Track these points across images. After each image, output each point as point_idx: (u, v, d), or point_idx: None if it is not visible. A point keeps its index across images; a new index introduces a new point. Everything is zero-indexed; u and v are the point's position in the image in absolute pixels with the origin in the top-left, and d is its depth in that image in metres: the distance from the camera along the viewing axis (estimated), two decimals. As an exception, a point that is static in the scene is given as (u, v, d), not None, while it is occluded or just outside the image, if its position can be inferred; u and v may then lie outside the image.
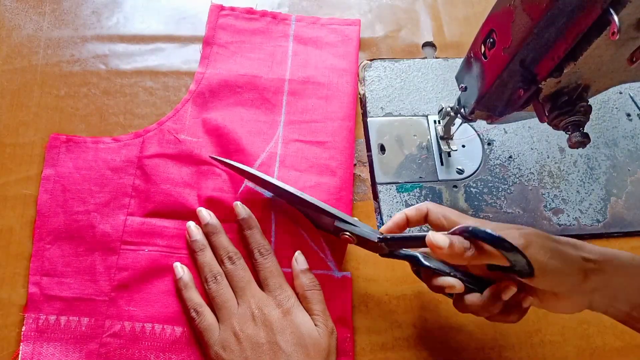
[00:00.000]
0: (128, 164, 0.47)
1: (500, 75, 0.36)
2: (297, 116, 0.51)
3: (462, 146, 0.53)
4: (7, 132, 0.48)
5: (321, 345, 0.39)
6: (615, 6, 0.26)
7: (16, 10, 0.54)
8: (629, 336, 0.46)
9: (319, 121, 0.50)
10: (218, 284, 0.42)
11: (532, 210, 0.51)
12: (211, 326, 0.40)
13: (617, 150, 0.55)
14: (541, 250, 0.33)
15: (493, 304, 0.37)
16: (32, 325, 0.41)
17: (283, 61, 0.54)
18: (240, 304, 0.41)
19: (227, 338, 0.39)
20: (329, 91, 0.52)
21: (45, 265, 0.43)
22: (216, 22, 0.55)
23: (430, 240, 0.33)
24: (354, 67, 0.54)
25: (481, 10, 0.61)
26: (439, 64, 0.57)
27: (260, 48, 0.54)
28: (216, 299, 0.41)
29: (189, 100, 0.50)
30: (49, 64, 0.52)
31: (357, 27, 0.57)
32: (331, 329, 0.41)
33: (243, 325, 0.39)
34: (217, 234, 0.44)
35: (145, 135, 0.48)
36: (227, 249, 0.43)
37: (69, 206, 0.45)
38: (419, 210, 0.40)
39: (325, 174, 0.48)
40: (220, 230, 0.44)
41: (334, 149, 0.49)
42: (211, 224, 0.44)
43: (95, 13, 0.55)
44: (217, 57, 0.53)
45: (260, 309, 0.40)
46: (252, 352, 0.38)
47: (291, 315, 0.40)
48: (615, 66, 0.31)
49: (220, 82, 0.51)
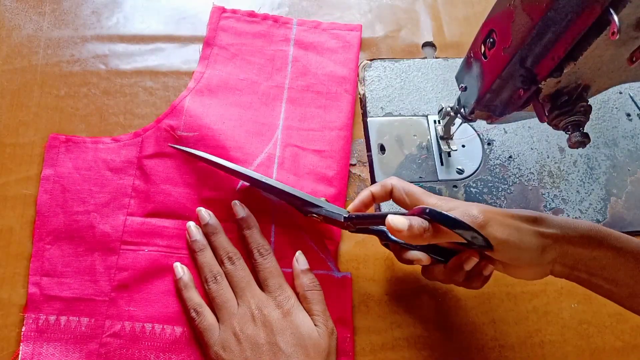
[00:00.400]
0: (128, 164, 0.47)
1: (500, 75, 0.36)
2: (295, 123, 0.51)
3: (462, 146, 0.53)
4: (7, 132, 0.48)
5: (321, 345, 0.39)
6: (615, 6, 0.26)
7: (16, 10, 0.54)
8: (629, 336, 0.46)
9: (316, 130, 0.51)
10: (218, 284, 0.42)
11: (532, 210, 0.50)
12: (211, 326, 0.40)
13: (617, 150, 0.55)
14: (500, 227, 0.34)
15: (457, 273, 0.39)
16: (32, 325, 0.41)
17: (283, 67, 0.54)
18: (240, 304, 0.41)
19: (227, 338, 0.39)
20: (328, 100, 0.52)
21: (45, 266, 0.43)
22: (217, 23, 0.55)
23: (389, 224, 0.34)
24: (353, 75, 0.54)
25: (481, 10, 0.61)
26: (439, 64, 0.57)
27: (261, 52, 0.54)
28: (216, 299, 0.41)
29: (187, 97, 0.50)
30: (49, 64, 0.52)
31: (358, 33, 0.57)
32: (331, 329, 0.41)
33: (243, 326, 0.39)
34: (217, 234, 0.44)
35: (144, 135, 0.48)
36: (226, 249, 0.43)
37: (69, 206, 0.45)
38: (384, 186, 0.40)
39: (322, 182, 0.48)
40: (220, 231, 0.44)
41: (330, 158, 0.49)
42: (211, 224, 0.44)
43: (95, 13, 0.55)
44: (217, 59, 0.53)
45: (260, 309, 0.40)
46: (251, 352, 0.38)
47: (291, 316, 0.40)
48: (615, 66, 0.31)
49: (220, 83, 0.51)
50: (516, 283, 0.47)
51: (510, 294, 0.47)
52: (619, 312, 0.47)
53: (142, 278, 0.43)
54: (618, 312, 0.47)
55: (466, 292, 0.46)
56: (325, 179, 0.48)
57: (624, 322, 0.47)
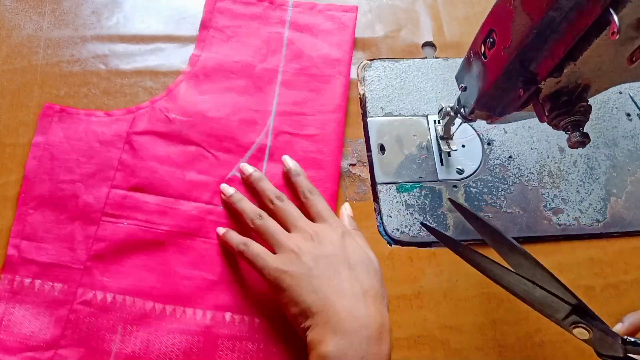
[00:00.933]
0: (117, 138, 0.47)
1: (500, 75, 0.36)
2: (288, 107, 0.51)
3: (462, 146, 0.53)
4: (7, 132, 0.48)
5: (377, 267, 0.39)
6: (615, 6, 0.26)
7: (16, 10, 0.54)
8: (629, 336, 0.46)
9: (309, 114, 0.51)
10: (264, 220, 0.41)
11: (532, 210, 0.51)
12: (264, 252, 0.39)
13: (617, 150, 0.55)
14: None
15: None
16: (6, 285, 0.42)
17: (278, 50, 0.54)
18: (294, 232, 0.40)
19: (286, 256, 0.38)
20: (321, 83, 0.52)
21: (26, 230, 0.43)
22: (214, 5, 0.55)
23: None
24: (348, 57, 0.54)
25: (481, 10, 0.61)
26: (439, 64, 0.57)
27: (256, 34, 0.54)
28: (265, 232, 0.40)
29: (182, 81, 0.51)
30: (49, 64, 0.52)
31: (354, 14, 0.57)
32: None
33: (302, 244, 0.38)
34: (262, 180, 0.45)
35: (137, 112, 0.49)
36: (274, 191, 0.44)
37: (56, 174, 0.45)
38: None
39: (312, 167, 0.48)
40: (264, 178, 0.45)
41: (321, 141, 0.50)
42: (255, 174, 0.45)
43: (95, 13, 0.55)
44: (213, 41, 0.53)
45: (316, 232, 0.39)
46: (314, 263, 0.37)
47: (350, 237, 0.40)
48: (615, 66, 0.31)
49: (215, 66, 0.52)
50: (516, 283, 0.47)
51: (510, 294, 0.47)
52: (619, 312, 0.47)
53: (119, 250, 0.43)
54: (618, 312, 0.47)
55: (466, 293, 0.46)
56: (315, 163, 0.49)
57: (624, 322, 0.47)
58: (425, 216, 0.49)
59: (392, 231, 0.48)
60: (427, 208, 0.50)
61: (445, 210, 0.50)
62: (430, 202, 0.50)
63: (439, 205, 0.50)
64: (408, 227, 0.48)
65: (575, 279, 0.48)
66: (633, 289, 0.48)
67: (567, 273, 0.48)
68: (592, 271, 0.49)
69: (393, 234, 0.48)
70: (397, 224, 0.49)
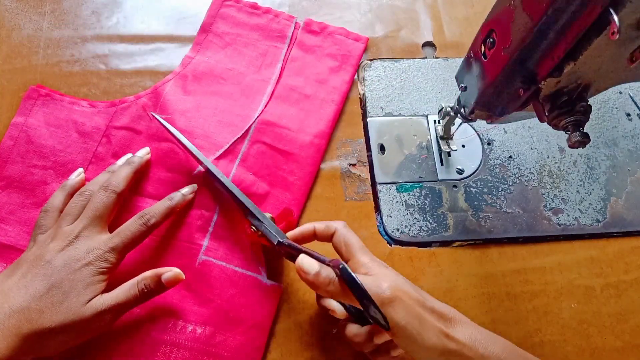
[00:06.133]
0: (96, 130, 0.48)
1: (500, 75, 0.36)
2: (273, 118, 0.50)
3: (462, 146, 0.53)
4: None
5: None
6: (615, 6, 0.26)
7: (16, 10, 0.54)
8: (629, 336, 0.46)
9: (292, 130, 0.50)
10: (81, 196, 0.41)
11: (532, 210, 0.51)
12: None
13: (617, 150, 0.55)
14: (402, 312, 0.31)
15: (366, 342, 0.37)
16: None
17: (273, 64, 0.53)
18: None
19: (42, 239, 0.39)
20: (312, 105, 0.52)
21: None
22: (218, 10, 0.55)
23: (299, 263, 0.33)
24: (346, 87, 0.54)
25: (481, 10, 0.61)
26: (439, 64, 0.57)
27: (255, 45, 0.54)
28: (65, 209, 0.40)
29: (170, 81, 0.51)
30: (49, 64, 0.52)
31: (363, 45, 0.56)
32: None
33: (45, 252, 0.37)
34: (127, 165, 0.43)
35: (119, 106, 0.49)
36: (110, 181, 0.41)
37: (29, 158, 0.46)
38: (328, 227, 0.39)
39: (279, 186, 0.48)
40: (133, 163, 0.44)
41: (296, 162, 0.49)
42: (132, 159, 0.44)
43: (95, 13, 0.55)
44: (209, 45, 0.53)
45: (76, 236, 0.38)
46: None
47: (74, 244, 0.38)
48: (615, 66, 0.31)
49: (206, 70, 0.52)
50: (516, 283, 0.47)
51: (510, 294, 0.47)
52: (619, 312, 0.47)
53: None
54: (618, 312, 0.47)
55: (466, 293, 0.46)
56: (284, 182, 0.48)
57: (624, 322, 0.47)
58: (425, 216, 0.49)
59: (392, 231, 0.48)
60: (427, 208, 0.50)
61: (445, 210, 0.50)
62: (430, 202, 0.50)
63: (439, 205, 0.50)
64: (408, 227, 0.49)
65: (575, 279, 0.48)
66: (633, 289, 0.48)
67: (567, 273, 0.48)
68: (592, 271, 0.49)
69: (393, 234, 0.48)
70: (397, 224, 0.49)
